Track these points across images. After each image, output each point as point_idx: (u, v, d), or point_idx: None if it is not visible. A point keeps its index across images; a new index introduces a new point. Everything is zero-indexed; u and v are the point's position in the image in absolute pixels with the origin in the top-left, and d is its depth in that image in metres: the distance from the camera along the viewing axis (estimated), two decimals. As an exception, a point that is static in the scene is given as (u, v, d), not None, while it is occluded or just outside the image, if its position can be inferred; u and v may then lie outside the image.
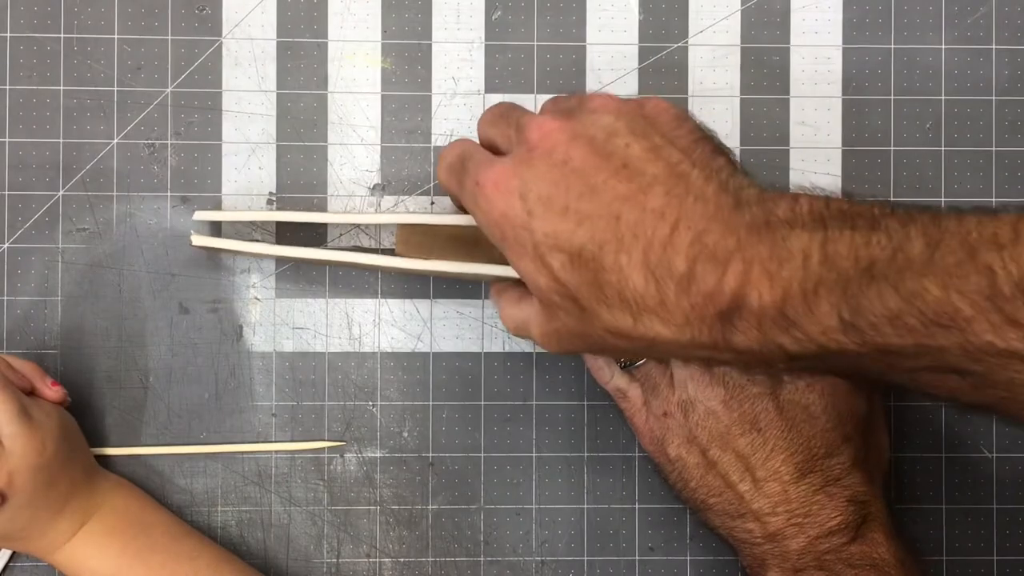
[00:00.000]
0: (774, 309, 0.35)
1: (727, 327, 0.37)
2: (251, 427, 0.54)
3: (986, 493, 0.55)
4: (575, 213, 0.38)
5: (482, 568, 0.54)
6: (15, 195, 0.53)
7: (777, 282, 0.35)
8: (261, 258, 0.54)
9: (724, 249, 0.36)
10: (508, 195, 0.40)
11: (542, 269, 0.39)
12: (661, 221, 0.37)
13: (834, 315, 0.35)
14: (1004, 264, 0.32)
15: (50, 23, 0.54)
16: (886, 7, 0.55)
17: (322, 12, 0.54)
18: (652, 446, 0.49)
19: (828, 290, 0.35)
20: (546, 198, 0.39)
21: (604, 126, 0.40)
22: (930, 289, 0.33)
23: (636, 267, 0.37)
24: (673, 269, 0.37)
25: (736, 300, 0.36)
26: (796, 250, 0.36)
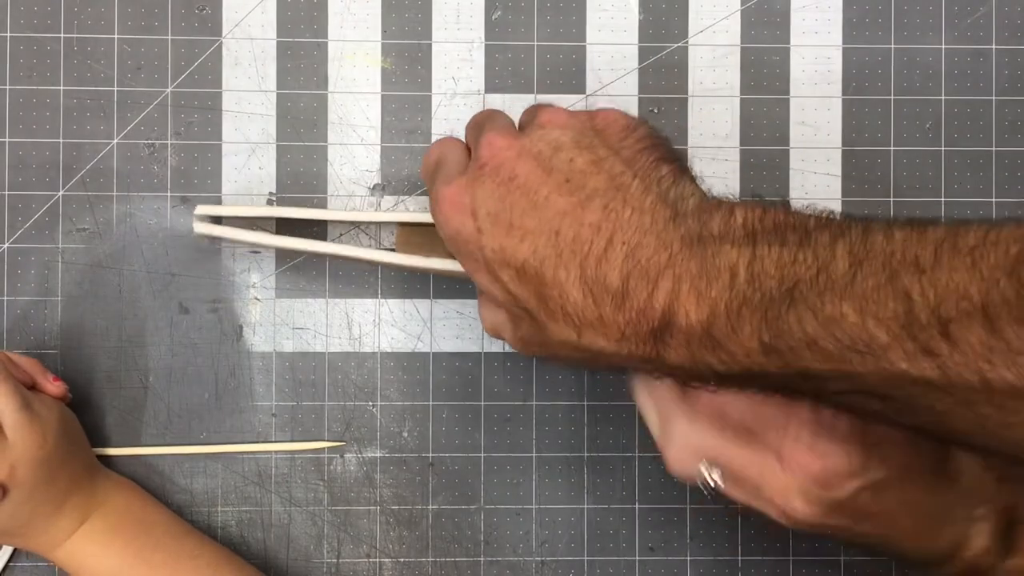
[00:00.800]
0: (700, 329, 0.36)
1: (660, 344, 0.37)
2: (251, 427, 0.54)
3: (986, 493, 0.54)
4: (519, 229, 0.39)
5: (482, 568, 0.54)
6: (15, 195, 0.53)
7: (704, 301, 0.36)
8: (261, 250, 0.54)
9: (656, 265, 0.37)
10: (461, 212, 0.41)
11: (495, 283, 0.41)
12: (597, 235, 0.38)
13: (755, 338, 0.35)
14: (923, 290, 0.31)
15: (50, 23, 0.54)
16: (886, 7, 0.55)
17: (322, 12, 0.54)
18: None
19: (751, 312, 0.35)
20: (494, 215, 0.40)
21: (551, 141, 0.41)
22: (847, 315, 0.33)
23: (574, 283, 0.38)
24: (608, 285, 0.37)
25: (665, 317, 0.36)
26: (724, 267, 0.36)
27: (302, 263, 0.54)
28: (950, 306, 0.31)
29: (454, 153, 0.44)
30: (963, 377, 0.31)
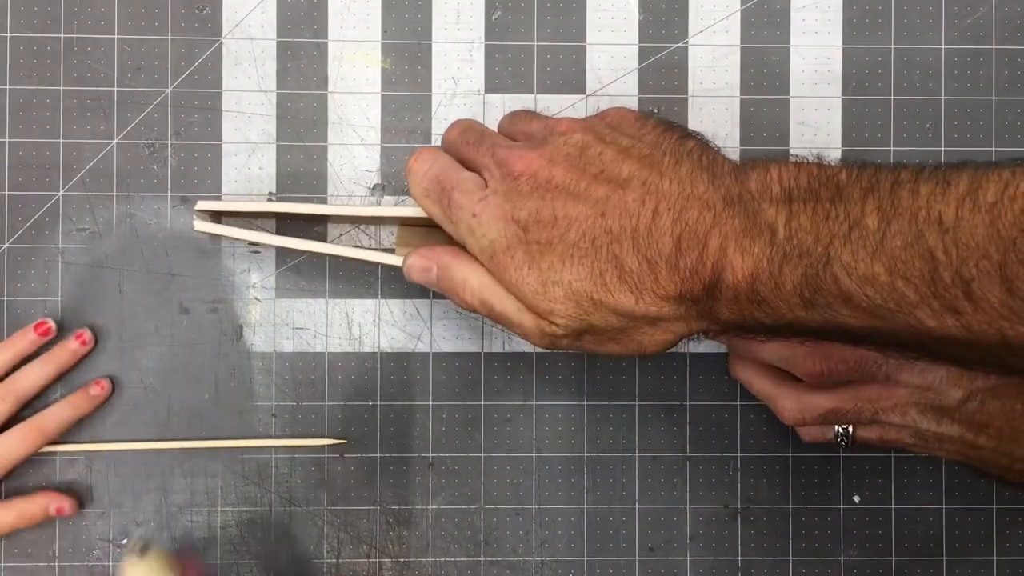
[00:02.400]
0: (747, 285, 0.38)
1: (712, 301, 0.39)
2: (251, 427, 0.54)
3: (986, 493, 0.55)
4: (564, 219, 0.41)
5: (482, 568, 0.54)
6: (15, 195, 0.53)
7: (749, 257, 0.37)
8: (261, 249, 0.54)
9: (703, 224, 0.39)
10: (503, 220, 0.42)
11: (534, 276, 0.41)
12: (642, 208, 0.40)
13: (796, 294, 0.37)
14: (946, 249, 0.33)
15: (50, 23, 0.54)
16: (886, 7, 0.55)
17: (322, 12, 0.54)
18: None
19: (792, 268, 0.37)
20: (535, 212, 0.41)
21: (575, 143, 0.43)
22: (879, 274, 0.35)
23: (628, 253, 0.40)
24: (661, 249, 0.39)
25: (715, 275, 0.38)
26: (764, 225, 0.38)
27: (302, 263, 0.54)
28: (971, 266, 0.33)
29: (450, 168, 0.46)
30: (985, 335, 0.33)
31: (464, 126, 0.48)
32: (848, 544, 0.54)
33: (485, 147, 0.45)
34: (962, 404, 0.44)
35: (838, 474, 0.55)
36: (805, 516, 0.54)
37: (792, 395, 0.48)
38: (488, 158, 0.45)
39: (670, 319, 0.40)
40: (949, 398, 0.44)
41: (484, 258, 0.43)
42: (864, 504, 0.54)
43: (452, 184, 0.45)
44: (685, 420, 0.55)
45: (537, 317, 0.42)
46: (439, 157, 0.46)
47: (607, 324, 0.41)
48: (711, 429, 0.54)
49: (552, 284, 0.41)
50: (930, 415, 0.45)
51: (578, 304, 0.41)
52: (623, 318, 0.41)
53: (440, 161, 0.46)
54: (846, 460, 0.55)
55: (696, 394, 0.54)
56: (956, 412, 0.45)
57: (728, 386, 0.54)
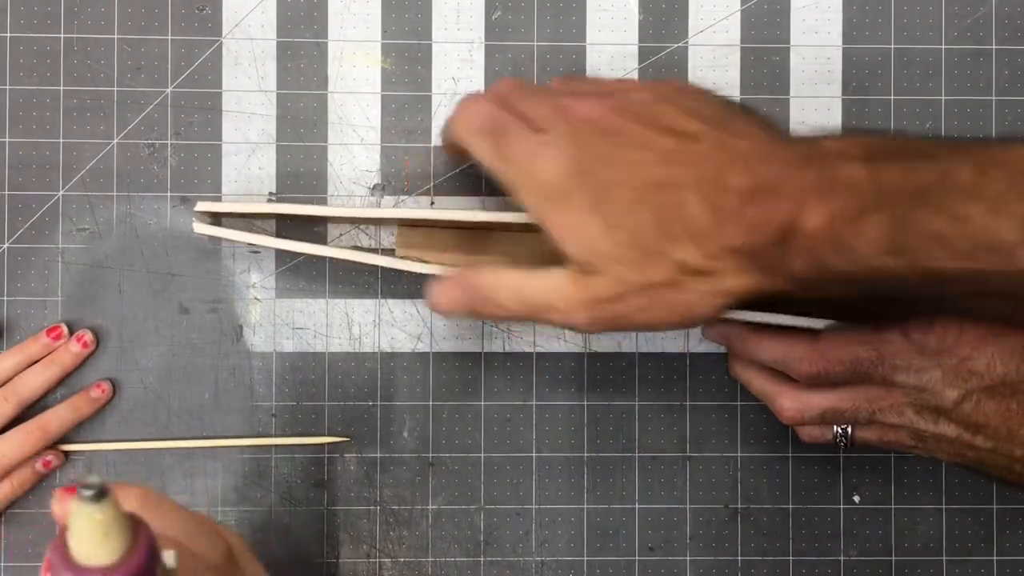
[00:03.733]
0: (825, 232, 0.37)
1: (784, 252, 0.38)
2: (251, 427, 0.54)
3: (986, 493, 0.55)
4: (631, 163, 0.40)
5: (482, 568, 0.54)
6: (15, 195, 0.53)
7: (827, 206, 0.37)
8: (261, 249, 0.54)
9: (776, 177, 0.38)
10: (562, 160, 0.41)
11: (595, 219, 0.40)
12: (711, 161, 0.39)
13: (883, 237, 0.36)
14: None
15: (50, 23, 0.54)
16: (886, 7, 0.55)
17: (322, 12, 0.54)
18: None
19: (877, 213, 0.36)
20: (603, 156, 0.41)
21: (643, 101, 0.42)
22: (975, 215, 0.35)
23: (696, 203, 0.39)
24: (730, 199, 0.39)
25: (789, 224, 0.38)
26: (844, 176, 0.37)
27: (302, 263, 0.54)
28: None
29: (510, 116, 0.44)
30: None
31: (516, 82, 0.46)
32: (848, 544, 0.54)
33: (541, 96, 0.44)
34: (958, 404, 0.44)
35: (838, 474, 0.55)
36: (805, 516, 0.54)
37: (790, 394, 0.48)
38: (546, 107, 0.43)
39: (728, 273, 0.40)
40: (945, 399, 0.44)
41: (538, 200, 0.42)
42: (864, 504, 0.54)
43: (508, 123, 0.43)
44: (685, 420, 0.55)
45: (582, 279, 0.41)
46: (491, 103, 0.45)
47: (664, 278, 0.40)
48: (711, 429, 0.55)
49: (614, 228, 0.40)
50: (927, 415, 0.46)
51: (638, 252, 0.40)
52: (683, 272, 0.40)
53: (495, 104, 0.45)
54: (846, 460, 0.55)
55: (696, 394, 0.54)
56: (953, 412, 0.45)
57: (728, 386, 0.54)
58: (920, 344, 0.44)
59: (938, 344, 0.44)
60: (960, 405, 0.44)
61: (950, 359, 0.44)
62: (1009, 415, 0.44)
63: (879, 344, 0.45)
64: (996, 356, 0.44)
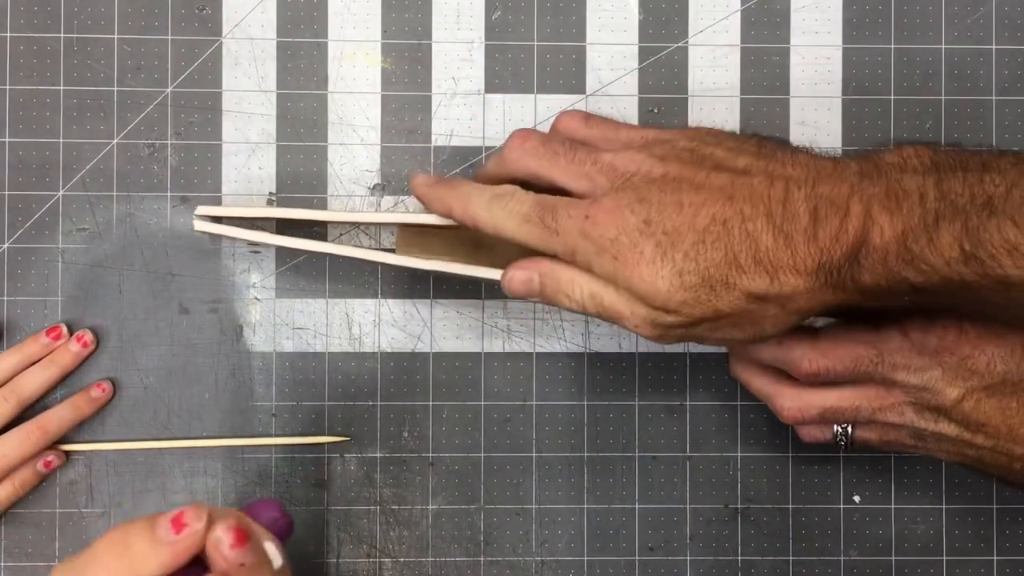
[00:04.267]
0: (896, 243, 0.38)
1: (854, 267, 0.39)
2: (251, 427, 0.54)
3: (986, 493, 0.55)
4: (690, 205, 0.41)
5: (482, 568, 0.54)
6: (15, 195, 0.53)
7: (897, 217, 0.38)
8: (261, 249, 0.54)
9: (840, 195, 0.39)
10: (621, 217, 0.41)
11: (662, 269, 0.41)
12: (771, 188, 0.40)
13: (955, 247, 0.37)
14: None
15: (50, 23, 0.54)
16: (886, 7, 0.55)
17: (322, 12, 0.54)
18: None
19: (949, 223, 0.37)
20: (658, 203, 0.41)
21: (683, 146, 0.43)
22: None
23: (763, 231, 0.40)
24: (798, 222, 0.39)
25: (860, 238, 0.38)
26: (911, 188, 0.38)
27: (302, 263, 0.54)
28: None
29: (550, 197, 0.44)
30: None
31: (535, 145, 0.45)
32: (848, 544, 0.54)
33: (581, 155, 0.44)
34: (958, 403, 0.44)
35: (838, 474, 0.55)
36: (805, 516, 0.54)
37: (790, 393, 0.48)
38: (588, 165, 0.44)
39: (803, 294, 0.40)
40: (945, 397, 0.44)
41: (605, 260, 0.42)
42: (864, 504, 0.54)
43: (551, 202, 0.44)
44: (685, 420, 0.55)
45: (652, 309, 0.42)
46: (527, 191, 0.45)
47: (734, 309, 0.41)
48: (711, 429, 0.55)
49: (686, 274, 0.40)
50: (927, 415, 0.46)
51: (710, 291, 0.41)
52: (754, 301, 0.41)
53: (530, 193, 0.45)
54: (846, 460, 0.55)
55: (696, 394, 0.54)
56: (953, 411, 0.45)
57: (728, 386, 0.54)
58: (920, 343, 0.44)
59: (938, 343, 0.44)
60: (960, 404, 0.44)
61: (950, 358, 0.44)
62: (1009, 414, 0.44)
63: (879, 343, 0.45)
64: (996, 355, 0.44)
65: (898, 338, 0.45)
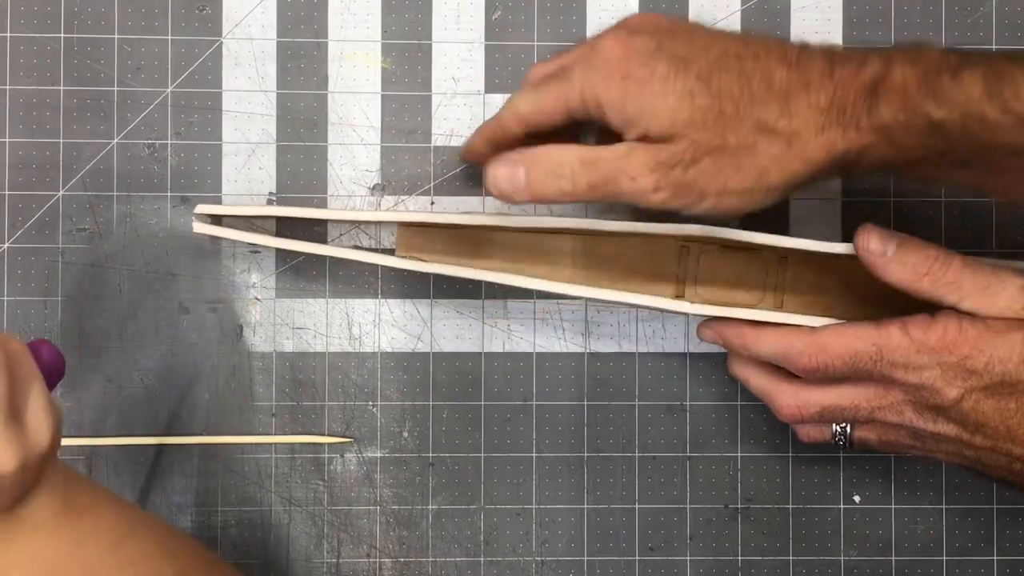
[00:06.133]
0: (918, 79, 0.39)
1: (872, 99, 0.40)
2: (251, 427, 0.54)
3: (986, 493, 0.55)
4: (703, 39, 0.42)
5: (482, 568, 0.54)
6: (15, 195, 0.53)
7: (919, 63, 0.39)
8: (261, 249, 0.54)
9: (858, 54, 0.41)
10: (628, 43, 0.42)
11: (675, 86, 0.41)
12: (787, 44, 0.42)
13: (978, 81, 0.38)
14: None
15: (50, 23, 0.54)
16: (886, 7, 0.55)
17: (322, 12, 0.54)
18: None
19: (971, 66, 0.39)
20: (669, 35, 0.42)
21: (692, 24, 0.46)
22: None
23: (777, 65, 0.41)
24: (813, 63, 0.41)
25: (879, 75, 0.40)
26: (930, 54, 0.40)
27: (302, 263, 0.54)
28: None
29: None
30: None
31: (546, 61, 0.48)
32: (848, 544, 0.54)
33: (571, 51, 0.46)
34: (957, 403, 0.44)
35: (838, 474, 0.55)
36: (805, 516, 0.54)
37: (789, 391, 0.48)
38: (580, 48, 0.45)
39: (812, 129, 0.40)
40: (944, 397, 0.44)
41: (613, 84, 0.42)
42: (864, 504, 0.54)
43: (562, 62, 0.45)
44: (685, 420, 0.55)
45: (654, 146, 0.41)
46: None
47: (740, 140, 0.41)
48: (711, 429, 0.55)
49: (696, 93, 0.41)
50: (926, 414, 0.46)
51: (718, 114, 0.41)
52: (763, 133, 0.41)
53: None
54: (846, 460, 0.55)
55: (696, 394, 0.54)
56: (951, 411, 0.45)
57: (728, 386, 0.54)
58: (920, 341, 0.44)
59: (938, 342, 0.44)
60: (959, 404, 0.44)
61: (949, 357, 0.44)
62: (1008, 414, 0.44)
63: (879, 340, 0.45)
64: (995, 355, 0.43)
65: (898, 336, 0.45)
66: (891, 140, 0.40)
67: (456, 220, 0.49)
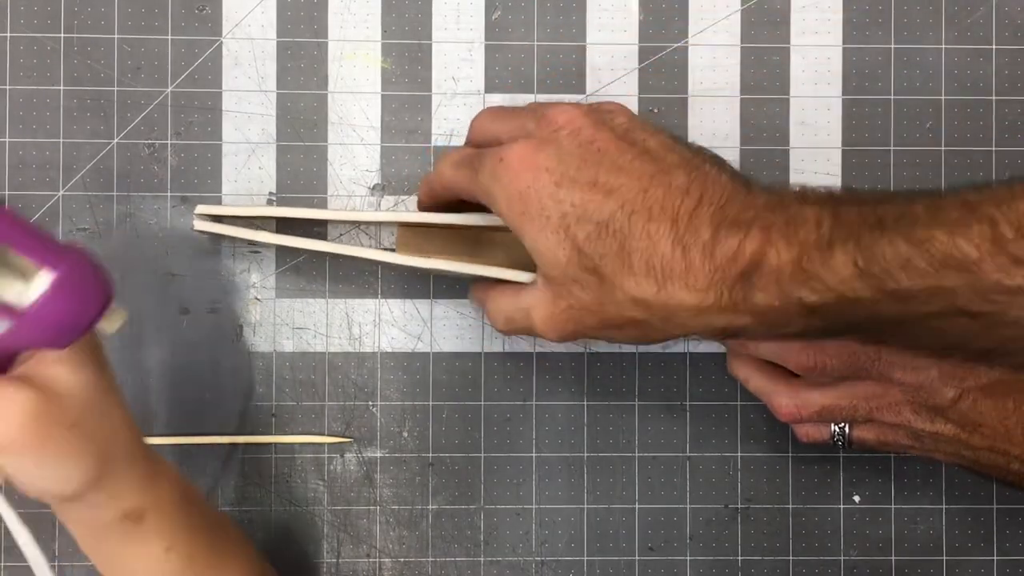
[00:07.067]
0: (791, 264, 0.38)
1: (747, 286, 0.39)
2: (251, 427, 0.54)
3: (986, 493, 0.55)
4: (603, 185, 0.41)
5: (482, 568, 0.54)
6: (15, 195, 0.53)
7: (794, 242, 0.38)
8: (261, 249, 0.54)
9: (744, 219, 0.39)
10: (534, 168, 0.41)
11: (564, 242, 0.41)
12: (686, 196, 0.40)
13: (849, 263, 0.37)
14: (1004, 214, 0.34)
15: (50, 23, 0.54)
16: (886, 7, 0.55)
17: (322, 12, 0.54)
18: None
19: (842, 243, 0.37)
20: (574, 171, 0.41)
21: (621, 123, 0.43)
22: (937, 236, 0.35)
23: (664, 236, 0.40)
24: (699, 236, 0.39)
25: (756, 259, 0.38)
26: (809, 216, 0.38)
27: (302, 263, 0.54)
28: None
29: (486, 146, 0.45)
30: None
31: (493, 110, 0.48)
32: (848, 544, 0.54)
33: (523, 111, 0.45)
34: (955, 403, 0.44)
35: (838, 474, 0.55)
36: (805, 516, 0.54)
37: (788, 391, 0.48)
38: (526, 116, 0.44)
39: (688, 311, 0.40)
40: (942, 397, 0.44)
41: (513, 212, 0.42)
42: (864, 504, 0.54)
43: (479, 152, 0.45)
44: (685, 420, 0.55)
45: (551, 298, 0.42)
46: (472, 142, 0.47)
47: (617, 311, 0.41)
48: (711, 429, 0.55)
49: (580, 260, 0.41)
50: (924, 414, 0.46)
51: (601, 280, 0.41)
52: (638, 306, 0.40)
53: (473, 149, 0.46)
54: (846, 460, 0.55)
55: (696, 394, 0.55)
56: (949, 411, 0.45)
57: (728, 386, 0.54)
58: None
59: None
60: (957, 404, 0.44)
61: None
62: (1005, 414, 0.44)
63: None
64: None
65: None
66: (770, 322, 0.40)
67: (456, 220, 0.49)
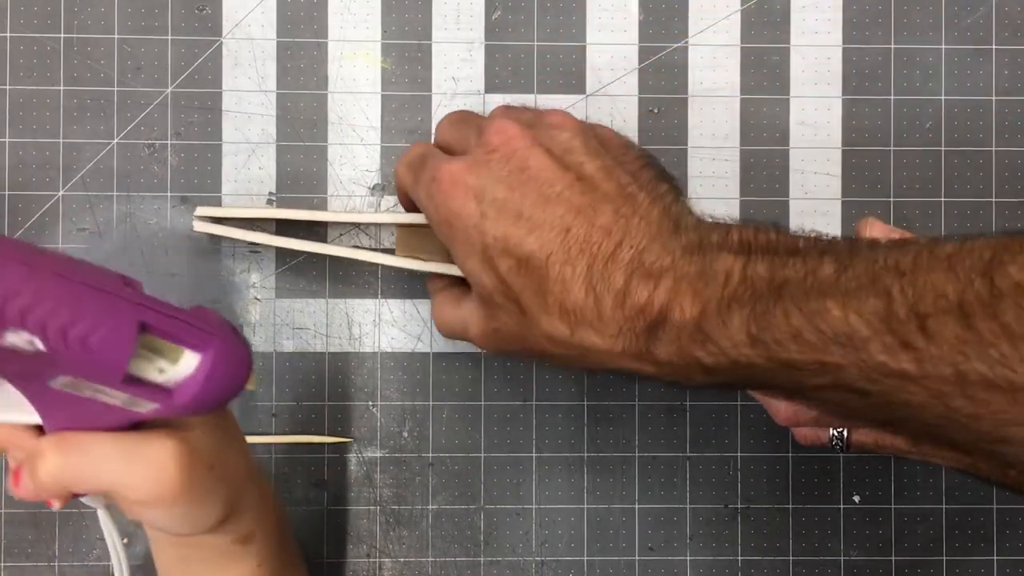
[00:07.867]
0: (692, 324, 0.37)
1: (652, 340, 0.38)
2: (251, 427, 0.54)
3: (986, 493, 0.55)
4: (527, 220, 0.40)
5: (482, 568, 0.54)
6: (15, 195, 0.53)
7: (699, 298, 0.37)
8: (261, 249, 0.54)
9: (659, 268, 0.38)
10: (463, 194, 0.41)
11: (488, 270, 0.41)
12: (607, 238, 0.39)
13: (743, 331, 0.36)
14: (902, 289, 0.33)
15: (50, 23, 0.54)
16: (886, 7, 0.55)
17: (322, 12, 0.54)
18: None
19: (740, 307, 0.36)
20: (501, 201, 0.41)
21: (562, 141, 0.42)
22: (831, 309, 0.34)
23: (579, 280, 0.39)
24: (612, 284, 0.39)
25: (662, 314, 0.38)
26: (720, 271, 0.37)
27: (302, 263, 0.54)
28: (928, 303, 0.32)
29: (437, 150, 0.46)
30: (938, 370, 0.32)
31: (453, 113, 0.48)
32: (848, 544, 0.54)
33: (472, 122, 0.45)
34: None
35: (838, 474, 0.55)
36: (805, 516, 0.55)
37: None
38: (471, 129, 0.44)
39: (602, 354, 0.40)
40: None
41: (442, 233, 0.43)
42: (864, 504, 0.54)
43: (430, 152, 0.45)
44: (685, 420, 0.55)
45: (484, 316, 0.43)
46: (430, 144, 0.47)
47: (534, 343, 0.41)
48: (711, 429, 0.55)
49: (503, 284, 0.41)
50: None
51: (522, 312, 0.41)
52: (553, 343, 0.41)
53: (430, 145, 0.47)
54: (846, 460, 0.55)
55: (696, 394, 0.55)
56: None
57: (728, 386, 0.54)
58: None
59: None
60: None
61: None
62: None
63: None
64: None
65: None
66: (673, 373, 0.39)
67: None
